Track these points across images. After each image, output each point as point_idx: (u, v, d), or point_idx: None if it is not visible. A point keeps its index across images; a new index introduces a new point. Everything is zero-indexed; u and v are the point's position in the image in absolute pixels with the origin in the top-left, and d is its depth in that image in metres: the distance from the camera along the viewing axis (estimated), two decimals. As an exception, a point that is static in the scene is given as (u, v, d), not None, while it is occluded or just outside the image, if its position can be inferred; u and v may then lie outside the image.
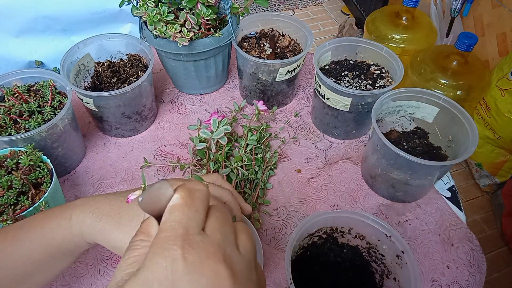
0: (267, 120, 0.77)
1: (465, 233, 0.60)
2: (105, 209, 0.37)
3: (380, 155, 0.59)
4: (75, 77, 0.68)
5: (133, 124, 0.72)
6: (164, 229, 0.24)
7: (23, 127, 0.58)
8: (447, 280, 0.55)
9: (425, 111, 0.64)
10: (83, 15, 0.93)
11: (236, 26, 0.71)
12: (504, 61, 1.34)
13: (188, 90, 0.81)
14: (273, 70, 0.69)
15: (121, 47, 0.74)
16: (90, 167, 0.68)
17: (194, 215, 0.25)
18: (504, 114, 1.30)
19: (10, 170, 0.53)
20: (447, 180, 0.68)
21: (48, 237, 0.37)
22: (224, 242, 0.25)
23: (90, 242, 0.38)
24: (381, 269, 0.50)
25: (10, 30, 0.89)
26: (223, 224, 0.26)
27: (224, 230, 0.26)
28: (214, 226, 0.25)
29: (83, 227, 0.37)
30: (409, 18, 1.40)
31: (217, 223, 0.26)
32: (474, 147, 0.54)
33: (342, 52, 0.74)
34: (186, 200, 0.25)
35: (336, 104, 0.66)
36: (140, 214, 0.37)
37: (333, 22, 2.49)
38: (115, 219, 0.37)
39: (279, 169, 0.68)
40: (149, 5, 0.61)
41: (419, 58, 1.35)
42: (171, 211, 0.25)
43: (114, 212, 0.37)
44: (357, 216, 0.49)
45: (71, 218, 0.37)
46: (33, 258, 0.37)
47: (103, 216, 0.37)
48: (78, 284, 0.53)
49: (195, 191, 0.26)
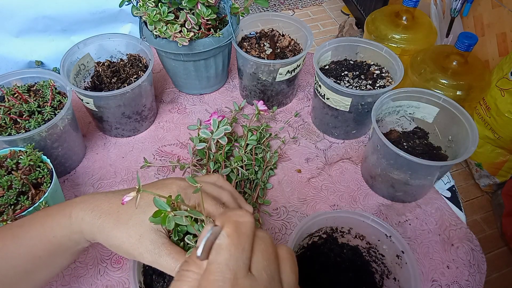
0: (267, 120, 0.77)
1: (465, 233, 0.60)
2: (104, 207, 0.37)
3: (380, 155, 0.59)
4: (75, 77, 0.68)
5: (133, 124, 0.72)
6: (213, 271, 0.25)
7: (23, 127, 0.58)
8: (447, 280, 0.55)
9: (425, 111, 0.64)
10: (83, 15, 0.93)
11: (236, 26, 0.71)
12: (504, 61, 1.34)
13: (188, 90, 0.81)
14: (273, 70, 0.69)
15: (121, 47, 0.74)
16: (90, 167, 0.68)
17: (241, 256, 0.25)
18: (504, 114, 1.30)
19: (10, 170, 0.53)
20: (447, 180, 0.68)
21: (49, 234, 0.37)
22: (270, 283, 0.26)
23: (89, 239, 0.38)
24: (381, 269, 0.50)
25: (10, 30, 0.89)
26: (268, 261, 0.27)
27: (269, 268, 0.26)
28: (260, 264, 0.26)
29: (82, 225, 0.37)
30: (409, 18, 1.40)
31: (262, 261, 0.26)
32: (474, 147, 0.54)
33: (342, 52, 0.74)
34: (233, 239, 0.25)
35: (336, 104, 0.66)
36: (138, 213, 0.37)
37: (333, 22, 2.49)
38: (113, 217, 0.37)
39: (279, 169, 0.68)
40: (149, 5, 0.61)
41: (419, 58, 1.35)
42: (218, 251, 0.25)
43: (113, 210, 0.37)
44: (357, 216, 0.49)
45: (70, 216, 0.37)
46: (34, 255, 0.37)
47: (102, 214, 0.37)
48: (78, 284, 0.53)
49: (241, 224, 0.26)
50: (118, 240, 0.36)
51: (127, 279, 0.54)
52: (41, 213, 0.39)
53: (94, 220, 0.37)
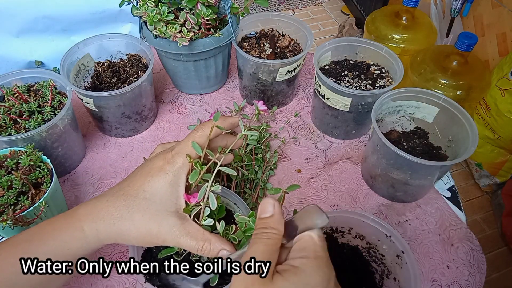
0: (267, 120, 0.77)
1: (465, 233, 0.60)
2: (113, 213, 0.37)
3: (380, 155, 0.59)
4: (75, 77, 0.68)
5: (133, 124, 0.72)
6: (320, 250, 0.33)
7: (23, 127, 0.58)
8: (447, 280, 0.55)
9: (425, 111, 0.64)
10: (83, 15, 0.93)
11: (236, 26, 0.71)
12: (504, 61, 1.34)
13: (188, 90, 0.81)
14: (273, 70, 0.69)
15: (121, 47, 0.74)
16: (90, 167, 0.68)
17: None
18: (504, 114, 1.30)
19: (10, 170, 0.53)
20: (447, 180, 0.68)
21: (63, 248, 0.37)
22: None
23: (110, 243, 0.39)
24: (381, 269, 0.50)
25: (10, 30, 0.89)
26: None
27: None
28: None
29: (99, 235, 0.37)
30: (409, 18, 1.40)
31: None
32: (474, 147, 0.54)
33: (342, 52, 0.74)
34: None
35: (336, 104, 0.66)
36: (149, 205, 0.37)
37: (333, 22, 2.50)
38: (128, 220, 0.37)
39: (279, 169, 0.68)
40: (149, 5, 0.61)
41: (419, 58, 1.35)
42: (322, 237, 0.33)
43: (123, 213, 0.37)
44: (357, 216, 0.49)
45: (83, 229, 0.37)
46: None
47: (115, 221, 0.37)
48: (78, 284, 0.53)
49: None
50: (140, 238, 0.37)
51: (127, 279, 0.54)
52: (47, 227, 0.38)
53: (110, 228, 0.37)
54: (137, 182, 0.39)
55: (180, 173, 0.39)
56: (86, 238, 0.37)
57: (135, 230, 0.37)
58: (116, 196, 0.39)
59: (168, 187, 0.38)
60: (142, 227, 0.37)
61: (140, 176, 0.39)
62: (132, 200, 0.38)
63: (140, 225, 0.37)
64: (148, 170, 0.40)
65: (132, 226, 0.37)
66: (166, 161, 0.39)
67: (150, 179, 0.38)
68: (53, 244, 0.37)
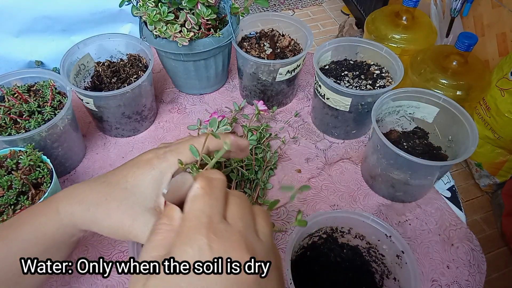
0: (267, 120, 0.77)
1: (465, 233, 0.60)
2: (90, 198, 0.36)
3: (380, 155, 0.59)
4: (75, 77, 0.68)
5: (133, 124, 0.72)
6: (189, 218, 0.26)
7: (23, 127, 0.58)
8: (447, 280, 0.55)
9: (425, 111, 0.64)
10: (83, 15, 0.93)
11: (236, 26, 0.71)
12: (504, 61, 1.34)
13: (188, 90, 0.81)
14: (273, 70, 0.69)
15: (121, 47, 0.74)
16: (90, 167, 0.68)
17: (215, 204, 0.27)
18: (504, 114, 1.30)
19: (10, 170, 0.53)
20: (447, 180, 0.68)
21: (40, 232, 0.36)
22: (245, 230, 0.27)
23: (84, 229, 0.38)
24: (381, 269, 0.50)
25: (10, 30, 0.89)
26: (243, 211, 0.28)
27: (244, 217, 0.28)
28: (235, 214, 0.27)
29: (73, 219, 0.36)
30: (409, 18, 1.40)
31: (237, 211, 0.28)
32: (474, 147, 0.54)
33: (342, 52, 0.74)
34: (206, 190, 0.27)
35: (336, 104, 0.66)
36: (128, 197, 0.36)
37: (333, 22, 2.49)
38: (103, 207, 0.36)
39: (279, 169, 0.68)
40: (149, 5, 0.61)
41: (419, 58, 1.35)
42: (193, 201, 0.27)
43: (100, 199, 0.36)
44: (357, 216, 0.49)
45: (58, 211, 0.37)
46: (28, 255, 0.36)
47: (90, 206, 0.36)
48: (78, 284, 0.53)
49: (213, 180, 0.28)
50: (112, 229, 0.36)
51: (127, 279, 0.54)
52: (26, 213, 0.38)
53: (84, 213, 0.36)
54: (121, 171, 0.38)
55: (166, 171, 0.38)
56: (61, 220, 0.36)
57: (108, 219, 0.36)
58: (98, 182, 0.38)
59: (151, 182, 0.37)
60: (116, 217, 0.36)
61: (126, 166, 0.39)
62: (112, 188, 0.37)
63: (114, 215, 0.36)
64: (136, 161, 0.39)
65: (106, 215, 0.36)
66: (156, 155, 0.38)
67: (136, 170, 0.37)
68: (30, 228, 0.37)
